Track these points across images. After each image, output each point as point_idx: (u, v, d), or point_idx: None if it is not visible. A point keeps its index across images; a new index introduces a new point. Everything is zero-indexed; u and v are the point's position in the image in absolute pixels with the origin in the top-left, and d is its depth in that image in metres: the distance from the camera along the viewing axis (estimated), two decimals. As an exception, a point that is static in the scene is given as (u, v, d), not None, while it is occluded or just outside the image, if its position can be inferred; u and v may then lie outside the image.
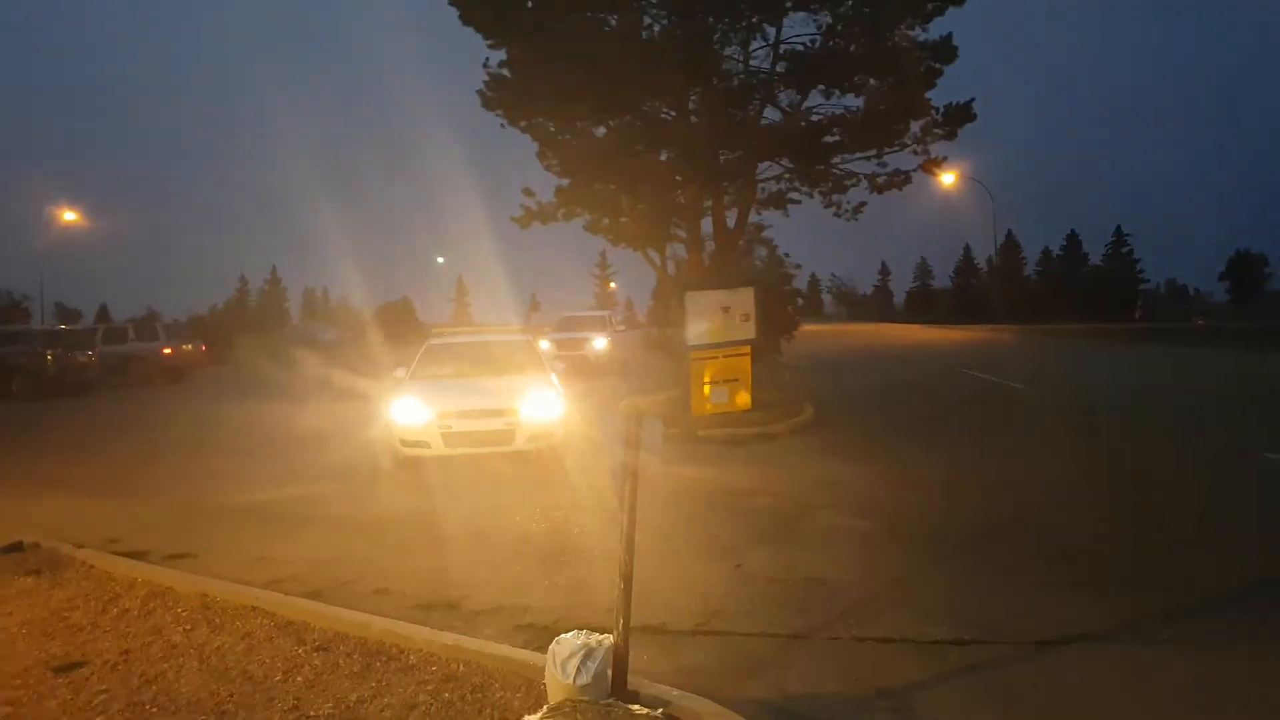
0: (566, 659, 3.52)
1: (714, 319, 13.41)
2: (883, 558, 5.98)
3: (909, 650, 4.30)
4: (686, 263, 18.65)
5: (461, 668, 4.05)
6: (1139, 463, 9.10)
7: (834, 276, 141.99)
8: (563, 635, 3.65)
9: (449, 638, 4.33)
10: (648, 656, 4.15)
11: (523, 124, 16.35)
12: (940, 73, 15.29)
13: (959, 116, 15.69)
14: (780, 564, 5.81)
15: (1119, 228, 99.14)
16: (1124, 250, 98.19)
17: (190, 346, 26.65)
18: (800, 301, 36.22)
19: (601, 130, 16.56)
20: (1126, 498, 7.60)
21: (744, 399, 13.28)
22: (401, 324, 49.11)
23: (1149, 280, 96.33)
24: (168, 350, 24.70)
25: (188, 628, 4.68)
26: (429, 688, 3.86)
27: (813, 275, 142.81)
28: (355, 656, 4.25)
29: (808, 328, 50.99)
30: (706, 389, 13.23)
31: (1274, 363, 22.13)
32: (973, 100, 15.70)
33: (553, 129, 16.64)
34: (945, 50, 15.25)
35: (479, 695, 3.78)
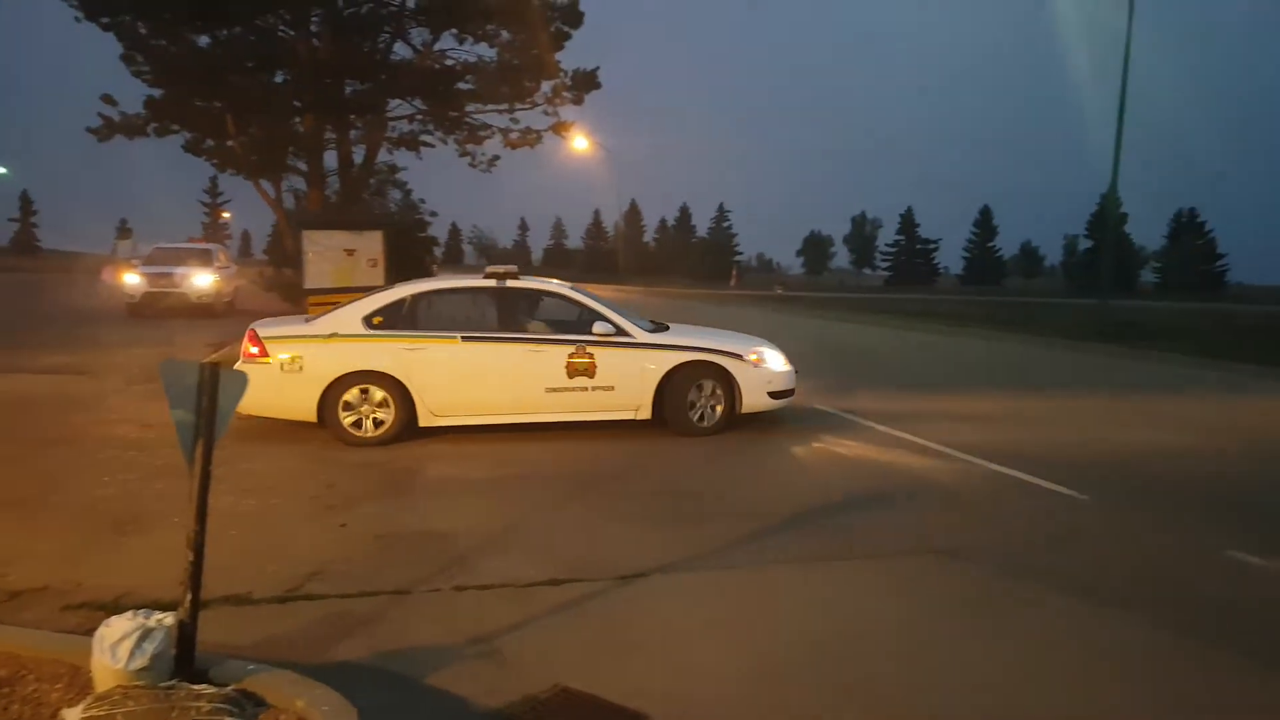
0: (117, 642, 3.07)
1: (337, 262, 12.67)
2: (494, 507, 6.06)
3: (507, 594, 4.41)
4: (307, 198, 17.34)
5: (-18, 661, 3.37)
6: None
7: (475, 228, 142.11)
8: (114, 616, 3.18)
9: (-39, 627, 3.58)
10: (229, 630, 3.79)
11: (105, 20, 13.85)
12: (569, 36, 15.78)
13: (586, 82, 16.36)
14: (389, 520, 5.65)
15: (721, 204, 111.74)
16: (725, 225, 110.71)
17: None
18: (440, 250, 35.55)
19: (206, 40, 14.61)
20: (709, 442, 8.49)
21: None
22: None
23: (743, 252, 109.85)
24: None
25: None
26: (-69, 689, 3.16)
27: (453, 225, 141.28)
28: None
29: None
30: (326, 336, 12.45)
31: (834, 328, 26.40)
32: (598, 69, 16.47)
33: (144, 31, 14.32)
34: (573, 14, 15.78)
35: (6, 690, 3.17)
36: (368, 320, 7.96)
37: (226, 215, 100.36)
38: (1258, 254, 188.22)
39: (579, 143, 38.98)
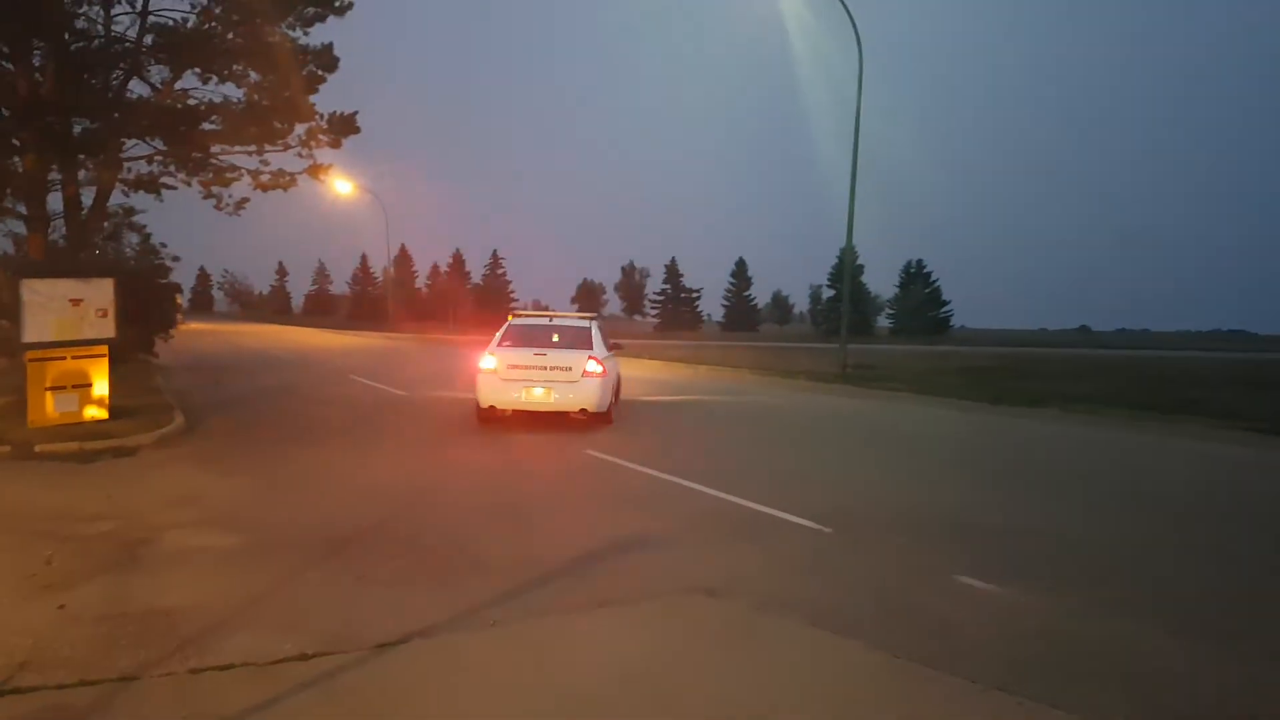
0: None
1: (61, 313, 11.51)
2: (239, 577, 5.72)
3: (250, 674, 4.19)
4: (27, 243, 15.60)
5: None
6: (507, 462, 10.29)
7: (227, 272, 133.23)
8: None
9: None
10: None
11: None
12: (323, 79, 15.49)
13: (343, 126, 16.07)
14: (116, 598, 5.21)
15: (495, 251, 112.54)
16: (499, 271, 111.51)
17: None
18: (185, 297, 33.01)
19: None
20: (475, 493, 8.53)
21: (98, 407, 11.64)
22: None
23: (519, 298, 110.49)
24: None
25: None
26: None
27: (202, 269, 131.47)
28: None
29: (193, 326, 46.70)
30: (49, 395, 11.27)
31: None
32: (356, 113, 16.26)
33: None
34: (327, 58, 15.51)
35: None
36: (607, 343, 13.33)
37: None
38: (976, 300, 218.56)
39: (341, 186, 37.93)
